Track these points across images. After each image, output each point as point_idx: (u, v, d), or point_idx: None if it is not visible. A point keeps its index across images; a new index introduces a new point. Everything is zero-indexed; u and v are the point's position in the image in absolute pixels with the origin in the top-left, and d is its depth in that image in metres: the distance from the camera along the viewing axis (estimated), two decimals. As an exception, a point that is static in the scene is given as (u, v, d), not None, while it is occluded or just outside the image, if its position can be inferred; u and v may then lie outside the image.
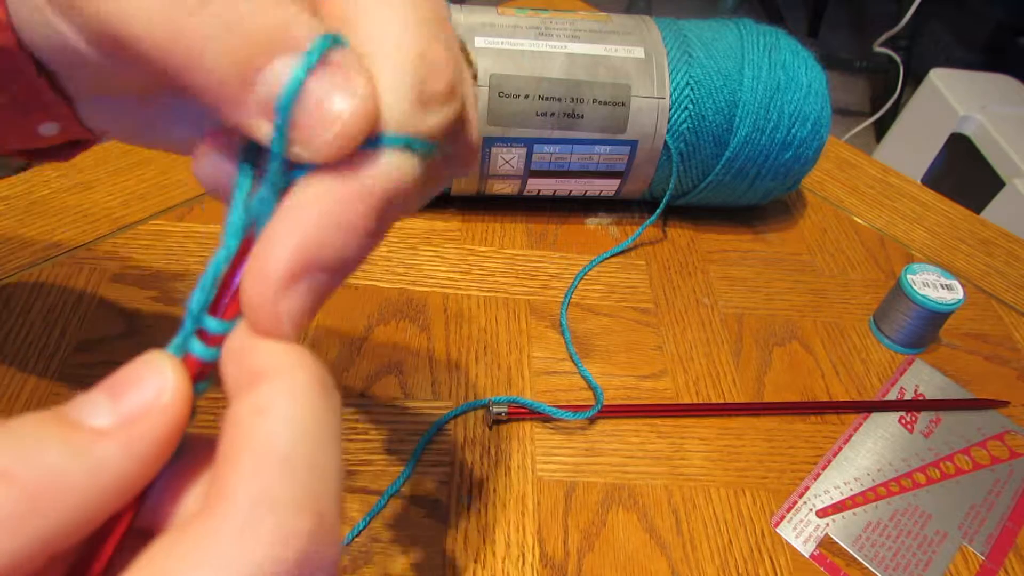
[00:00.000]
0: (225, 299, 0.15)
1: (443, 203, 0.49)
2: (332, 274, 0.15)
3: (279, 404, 0.13)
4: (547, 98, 0.43)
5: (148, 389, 0.14)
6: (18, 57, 0.17)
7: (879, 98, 1.79)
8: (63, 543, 0.12)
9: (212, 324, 0.15)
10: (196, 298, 0.15)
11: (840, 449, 0.40)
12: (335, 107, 0.14)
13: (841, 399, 0.42)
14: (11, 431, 0.13)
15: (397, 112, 0.15)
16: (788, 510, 0.37)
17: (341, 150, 0.14)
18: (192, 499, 0.15)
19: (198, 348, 0.15)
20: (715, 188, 0.48)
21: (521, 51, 0.43)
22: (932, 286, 0.43)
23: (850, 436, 0.40)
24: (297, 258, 0.14)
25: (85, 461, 0.13)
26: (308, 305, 0.14)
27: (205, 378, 0.15)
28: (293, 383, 0.14)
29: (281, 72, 0.14)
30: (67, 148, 0.22)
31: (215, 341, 0.15)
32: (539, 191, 0.48)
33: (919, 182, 0.59)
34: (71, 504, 0.12)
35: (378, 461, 0.35)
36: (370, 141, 0.15)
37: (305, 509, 0.13)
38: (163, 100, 0.20)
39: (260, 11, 0.14)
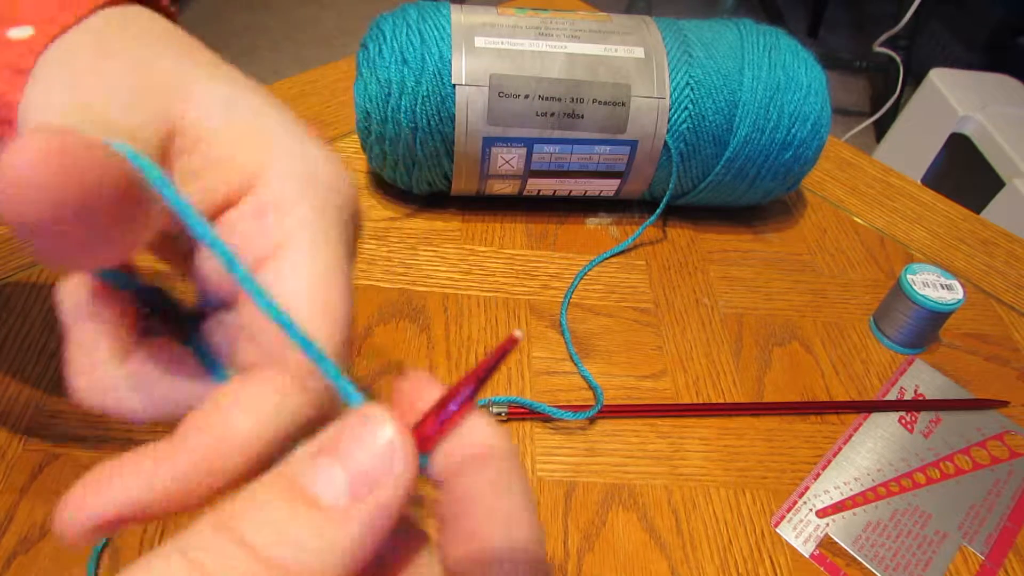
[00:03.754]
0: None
1: (443, 203, 0.49)
2: None
3: (514, 481, 0.15)
4: (547, 98, 0.43)
5: (378, 450, 0.14)
6: None
7: (879, 98, 1.79)
8: None
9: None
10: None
11: (840, 449, 0.40)
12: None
13: (841, 399, 0.42)
14: (253, 502, 0.13)
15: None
16: (788, 510, 0.37)
17: None
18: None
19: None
20: (715, 188, 0.48)
21: (521, 51, 0.43)
22: (932, 286, 0.43)
23: (850, 436, 0.40)
24: None
25: (326, 545, 0.13)
26: None
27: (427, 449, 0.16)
28: (514, 459, 0.15)
29: None
30: None
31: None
32: (539, 191, 0.48)
33: (919, 182, 0.59)
34: None
35: (378, 461, 0.35)
36: None
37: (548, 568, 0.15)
38: None
39: None
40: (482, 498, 0.14)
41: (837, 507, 0.37)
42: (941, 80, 1.42)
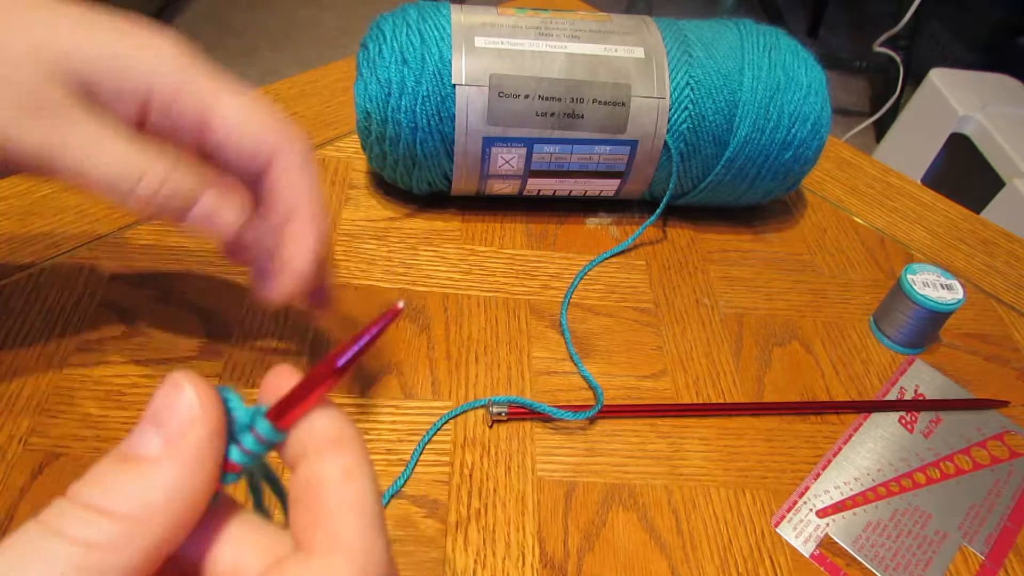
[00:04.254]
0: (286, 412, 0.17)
1: (443, 203, 0.49)
2: None
3: (363, 470, 0.17)
4: (547, 98, 0.43)
5: (181, 407, 0.16)
6: None
7: (879, 98, 1.80)
8: (166, 551, 0.15)
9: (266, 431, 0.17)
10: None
11: (840, 449, 0.40)
12: None
13: (841, 399, 0.42)
14: (92, 473, 0.16)
15: None
16: (788, 510, 0.37)
17: None
18: (229, 545, 0.17)
19: (249, 442, 0.17)
20: (715, 188, 0.48)
21: (521, 51, 0.43)
22: (932, 286, 0.43)
23: (850, 436, 0.40)
24: None
25: (150, 488, 0.15)
26: None
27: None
28: (364, 451, 0.17)
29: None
30: None
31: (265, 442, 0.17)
32: (539, 191, 0.48)
33: (919, 182, 0.59)
34: (160, 521, 0.15)
35: (378, 461, 0.35)
36: None
37: (388, 553, 0.17)
38: None
39: None
40: (332, 483, 0.16)
41: (837, 507, 0.37)
42: (941, 80, 1.42)
